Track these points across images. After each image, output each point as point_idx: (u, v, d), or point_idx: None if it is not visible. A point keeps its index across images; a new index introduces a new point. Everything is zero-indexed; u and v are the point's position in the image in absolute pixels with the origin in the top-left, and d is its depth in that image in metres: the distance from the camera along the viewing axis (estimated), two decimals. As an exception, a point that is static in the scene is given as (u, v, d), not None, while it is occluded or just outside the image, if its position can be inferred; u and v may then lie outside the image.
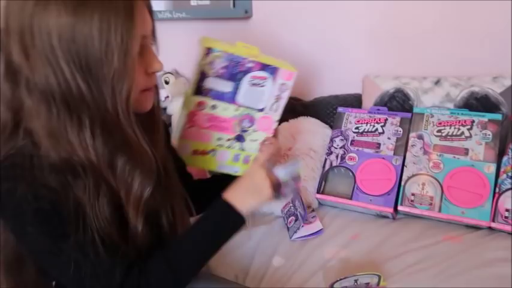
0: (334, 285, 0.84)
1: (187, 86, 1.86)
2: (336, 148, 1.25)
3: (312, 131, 1.33)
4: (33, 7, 0.55)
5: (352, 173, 1.19)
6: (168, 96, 1.61)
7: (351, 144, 1.24)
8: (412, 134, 1.19)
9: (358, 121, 1.26)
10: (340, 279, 0.82)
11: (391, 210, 1.10)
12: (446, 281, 0.89)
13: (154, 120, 0.73)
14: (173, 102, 1.58)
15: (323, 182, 1.21)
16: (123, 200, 0.65)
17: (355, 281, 0.83)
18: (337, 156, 1.23)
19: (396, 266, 0.94)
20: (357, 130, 1.25)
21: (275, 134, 0.88)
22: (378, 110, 1.28)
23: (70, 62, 0.56)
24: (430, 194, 1.09)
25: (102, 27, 0.55)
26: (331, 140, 1.27)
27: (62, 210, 0.60)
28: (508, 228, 1.01)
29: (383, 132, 1.22)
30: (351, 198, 1.16)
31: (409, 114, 1.22)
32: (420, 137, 1.17)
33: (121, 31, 0.56)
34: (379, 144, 1.21)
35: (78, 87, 0.57)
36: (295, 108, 1.49)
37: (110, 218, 0.64)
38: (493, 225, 1.03)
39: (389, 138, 1.21)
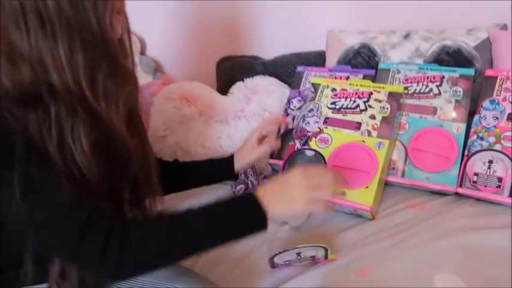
0: (274, 259, 0.73)
1: (138, 45, 1.68)
2: (293, 110, 1.12)
3: (268, 91, 1.20)
4: None
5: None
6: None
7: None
8: (376, 92, 1.07)
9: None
10: (280, 253, 0.71)
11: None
12: (404, 253, 0.78)
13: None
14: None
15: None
16: (107, 122, 0.60)
17: (298, 254, 0.72)
18: (293, 118, 1.10)
19: (348, 237, 0.83)
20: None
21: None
22: (341, 68, 1.15)
23: None
24: (392, 158, 0.98)
25: None
26: (288, 101, 1.14)
27: (13, 140, 0.54)
28: (476, 194, 0.90)
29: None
30: None
31: (372, 71, 1.11)
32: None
33: None
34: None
35: (57, 3, 0.54)
36: (253, 68, 1.36)
37: (88, 150, 0.57)
38: (460, 190, 0.92)
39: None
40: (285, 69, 1.31)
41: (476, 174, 0.91)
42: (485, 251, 0.77)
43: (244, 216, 0.61)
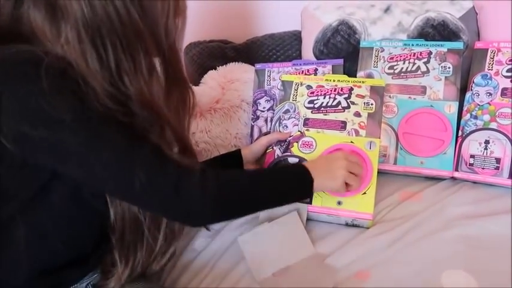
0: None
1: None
2: (263, 111, 1.03)
3: (244, 80, 1.10)
4: None
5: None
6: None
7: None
8: (360, 73, 0.99)
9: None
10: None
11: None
12: (406, 249, 0.72)
13: None
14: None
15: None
16: None
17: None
18: (266, 121, 1.01)
19: (340, 236, 0.76)
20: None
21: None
22: (305, 61, 1.09)
23: None
24: (383, 144, 0.91)
25: None
26: (255, 102, 1.04)
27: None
28: (473, 177, 0.85)
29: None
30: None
31: (341, 61, 1.04)
32: (369, 76, 0.97)
33: None
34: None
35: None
36: (224, 53, 1.25)
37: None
38: (457, 175, 0.86)
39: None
40: (260, 53, 1.21)
41: (472, 156, 0.86)
42: (490, 241, 0.72)
43: (296, 183, 0.70)
